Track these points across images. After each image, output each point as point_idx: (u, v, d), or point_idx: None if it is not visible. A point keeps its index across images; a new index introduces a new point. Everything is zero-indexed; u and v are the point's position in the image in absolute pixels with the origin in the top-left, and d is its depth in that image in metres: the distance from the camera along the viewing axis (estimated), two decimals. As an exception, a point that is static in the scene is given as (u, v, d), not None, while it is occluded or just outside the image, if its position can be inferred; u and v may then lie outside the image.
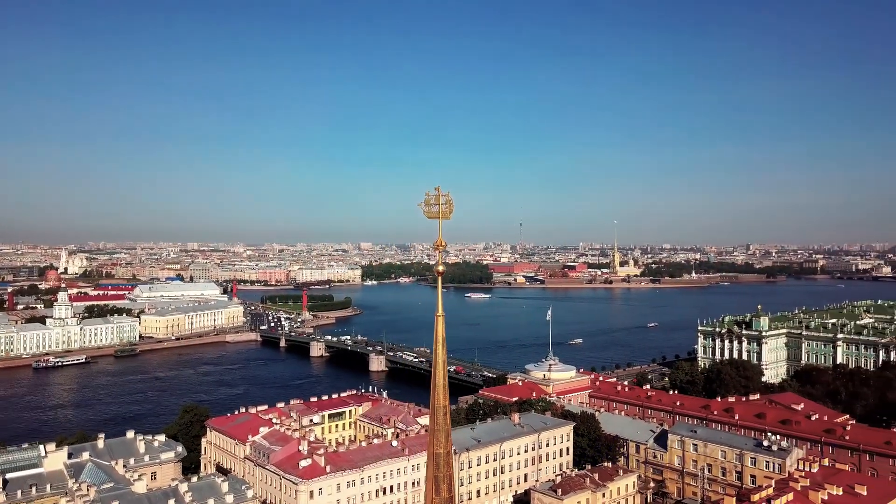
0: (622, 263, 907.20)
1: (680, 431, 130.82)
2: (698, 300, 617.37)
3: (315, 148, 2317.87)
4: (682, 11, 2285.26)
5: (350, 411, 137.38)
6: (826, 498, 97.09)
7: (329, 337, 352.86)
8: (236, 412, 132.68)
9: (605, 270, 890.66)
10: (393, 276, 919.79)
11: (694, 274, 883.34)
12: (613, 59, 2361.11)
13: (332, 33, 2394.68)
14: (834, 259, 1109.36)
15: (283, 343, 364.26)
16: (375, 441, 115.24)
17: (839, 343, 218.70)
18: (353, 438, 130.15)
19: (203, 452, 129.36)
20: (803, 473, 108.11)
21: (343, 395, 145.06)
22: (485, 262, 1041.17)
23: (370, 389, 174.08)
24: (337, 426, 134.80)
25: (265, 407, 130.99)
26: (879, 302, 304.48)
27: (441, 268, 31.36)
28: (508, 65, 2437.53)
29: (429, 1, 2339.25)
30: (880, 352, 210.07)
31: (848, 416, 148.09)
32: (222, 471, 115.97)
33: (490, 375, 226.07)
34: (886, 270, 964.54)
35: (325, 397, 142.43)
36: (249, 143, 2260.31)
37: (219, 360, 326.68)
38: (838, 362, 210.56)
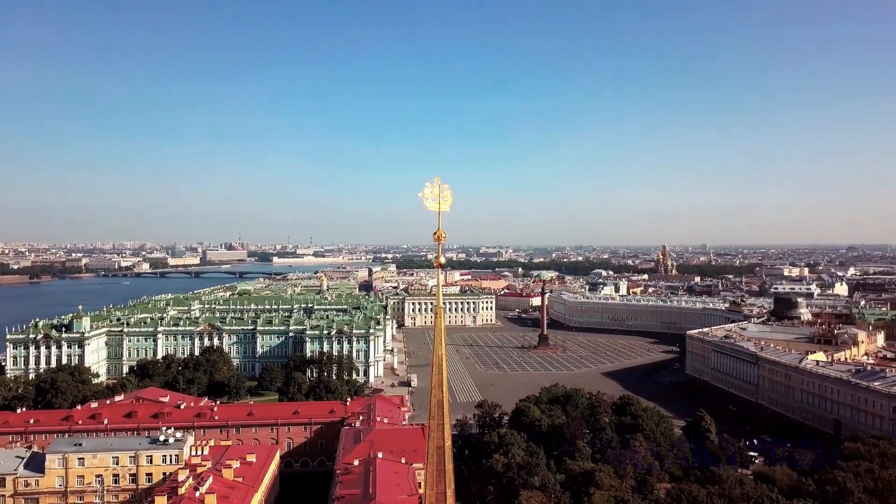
0: None
1: (62, 449, 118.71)
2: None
3: None
4: None
5: None
6: (234, 470, 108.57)
7: None
8: None
9: None
10: None
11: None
12: None
13: None
14: (96, 257, 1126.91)
15: None
16: None
17: (160, 336, 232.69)
18: None
19: None
20: (199, 458, 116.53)
21: None
22: None
23: None
24: None
25: None
26: (172, 295, 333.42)
27: (442, 259, 28.37)
28: None
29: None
30: (196, 339, 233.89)
31: (207, 399, 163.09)
32: None
33: None
34: (146, 267, 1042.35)
35: None
36: None
37: None
38: (161, 354, 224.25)
